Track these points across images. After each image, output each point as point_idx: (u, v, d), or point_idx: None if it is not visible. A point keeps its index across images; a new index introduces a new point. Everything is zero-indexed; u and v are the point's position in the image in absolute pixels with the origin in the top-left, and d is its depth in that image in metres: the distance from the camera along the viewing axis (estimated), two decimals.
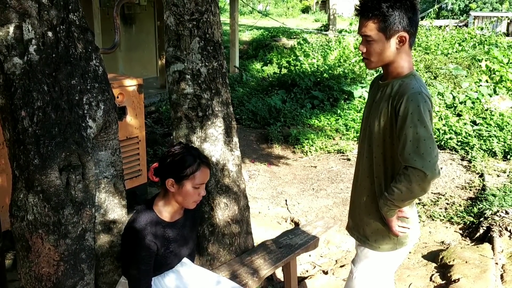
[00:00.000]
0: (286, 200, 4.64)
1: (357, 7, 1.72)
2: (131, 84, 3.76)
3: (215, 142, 2.44)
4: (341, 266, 3.29)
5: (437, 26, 15.25)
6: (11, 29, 1.55)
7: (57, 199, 1.61)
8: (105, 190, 1.88)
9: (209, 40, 2.38)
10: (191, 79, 2.38)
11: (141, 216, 1.83)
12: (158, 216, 1.85)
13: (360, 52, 1.77)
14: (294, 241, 2.71)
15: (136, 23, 10.00)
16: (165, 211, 1.87)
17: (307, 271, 3.37)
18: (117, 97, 3.71)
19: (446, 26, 15.61)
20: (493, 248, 3.18)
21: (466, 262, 3.01)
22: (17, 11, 1.55)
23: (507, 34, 16.27)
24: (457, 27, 16.28)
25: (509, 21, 18.43)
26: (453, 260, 3.05)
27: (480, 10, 27.47)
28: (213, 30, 2.40)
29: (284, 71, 9.74)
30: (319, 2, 33.58)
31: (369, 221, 1.87)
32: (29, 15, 1.59)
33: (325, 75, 8.79)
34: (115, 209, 1.91)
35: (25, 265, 1.68)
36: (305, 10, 33.60)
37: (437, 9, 22.01)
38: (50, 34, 1.64)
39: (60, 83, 1.65)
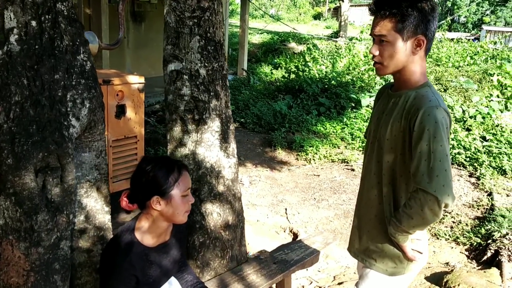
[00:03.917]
0: (286, 209, 4.48)
1: (373, 5, 1.55)
2: (132, 81, 3.66)
3: (210, 147, 2.30)
4: (339, 284, 3.13)
5: (449, 39, 15.05)
6: None
7: (31, 203, 1.48)
8: (87, 195, 1.74)
9: (210, 39, 2.25)
10: (189, 79, 2.24)
11: (121, 245, 1.60)
12: (140, 243, 1.63)
13: (371, 56, 1.60)
14: (290, 256, 2.56)
15: (145, 21, 9.93)
16: (149, 236, 1.65)
17: (303, 287, 3.21)
18: (117, 95, 3.60)
19: (459, 39, 15.41)
20: (501, 274, 3.00)
21: None
22: None
23: None
24: (469, 40, 16.07)
25: None
26: (458, 285, 2.87)
27: (494, 24, 27.22)
28: (215, 29, 2.26)
29: (292, 76, 9.60)
30: (331, 9, 33.48)
31: (376, 242, 1.71)
32: (11, 2, 1.47)
33: (333, 82, 8.65)
34: (96, 216, 1.77)
35: None
36: (317, 16, 33.50)
37: (450, 21, 21.80)
38: (34, 23, 1.51)
39: (41, 77, 1.52)
